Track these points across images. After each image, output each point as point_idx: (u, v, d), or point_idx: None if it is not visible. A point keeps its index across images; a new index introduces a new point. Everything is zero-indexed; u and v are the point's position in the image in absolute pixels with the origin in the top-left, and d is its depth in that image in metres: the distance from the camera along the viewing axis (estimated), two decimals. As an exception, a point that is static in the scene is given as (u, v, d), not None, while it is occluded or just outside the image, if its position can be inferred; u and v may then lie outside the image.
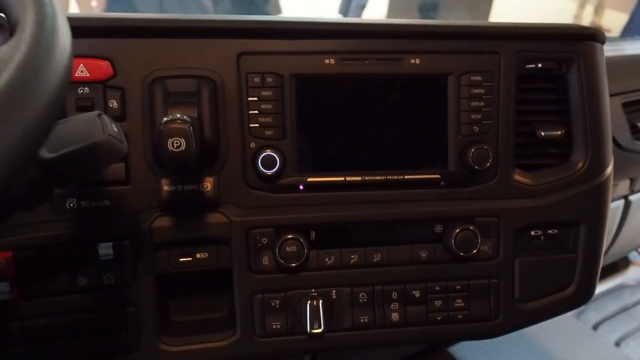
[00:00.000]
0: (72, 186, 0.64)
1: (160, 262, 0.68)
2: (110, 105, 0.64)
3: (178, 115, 0.58)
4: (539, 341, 1.40)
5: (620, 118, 1.07)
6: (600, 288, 1.89)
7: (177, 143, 0.57)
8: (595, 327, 1.71)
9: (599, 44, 0.75)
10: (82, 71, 0.63)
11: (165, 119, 0.58)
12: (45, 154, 0.47)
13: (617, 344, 1.60)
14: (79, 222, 0.65)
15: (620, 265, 2.04)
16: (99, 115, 0.50)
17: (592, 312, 1.80)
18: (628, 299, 1.88)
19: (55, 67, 0.35)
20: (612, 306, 1.81)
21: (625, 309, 1.83)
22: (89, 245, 0.65)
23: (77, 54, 0.63)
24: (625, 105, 1.08)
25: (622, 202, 1.30)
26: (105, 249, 0.64)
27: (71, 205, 0.64)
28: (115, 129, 0.50)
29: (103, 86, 0.64)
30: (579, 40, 0.74)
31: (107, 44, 0.64)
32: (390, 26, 0.70)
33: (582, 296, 0.78)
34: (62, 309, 0.65)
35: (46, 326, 0.64)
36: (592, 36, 0.74)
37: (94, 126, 0.49)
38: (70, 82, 0.62)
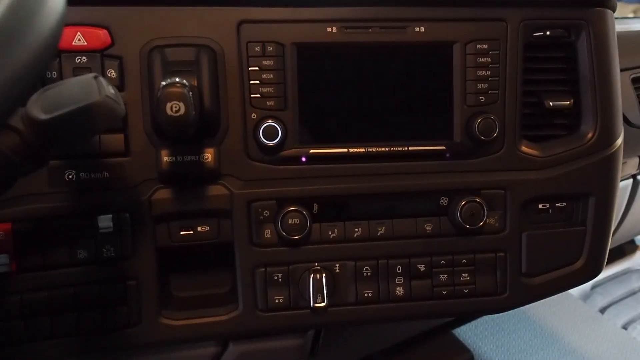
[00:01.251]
0: (70, 154, 0.63)
1: (161, 235, 0.67)
2: (109, 75, 0.63)
3: (177, 79, 0.57)
4: (545, 324, 1.38)
5: (630, 94, 1.05)
6: (607, 272, 1.88)
7: (175, 107, 0.55)
8: (602, 311, 1.70)
9: (609, 11, 0.73)
10: (79, 40, 0.62)
11: (164, 82, 0.56)
12: (41, 115, 0.46)
13: (625, 327, 1.59)
14: (78, 193, 0.64)
15: (627, 249, 2.03)
16: (96, 77, 0.49)
17: (598, 297, 1.79)
18: (635, 283, 1.86)
19: (48, 11, 0.34)
20: (618, 290, 1.80)
21: (632, 293, 1.82)
22: (88, 217, 0.64)
23: (75, 22, 0.62)
24: (634, 80, 1.06)
25: (630, 181, 1.28)
26: (105, 222, 0.64)
27: (70, 176, 0.63)
28: (112, 91, 0.49)
29: (101, 55, 0.63)
30: (588, 7, 0.72)
31: (105, 12, 0.63)
32: None
33: (591, 270, 0.77)
34: (62, 282, 0.64)
35: (46, 299, 0.63)
36: (602, 2, 0.72)
37: (90, 87, 0.47)
38: (66, 49, 0.62)
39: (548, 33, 0.72)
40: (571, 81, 0.74)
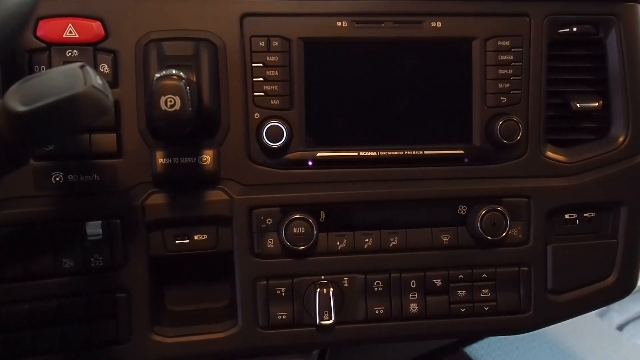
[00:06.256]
0: (58, 155, 0.60)
1: (154, 244, 0.63)
2: (102, 70, 0.61)
3: (173, 71, 0.54)
4: (560, 341, 1.34)
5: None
6: (624, 289, 1.82)
7: (171, 101, 0.52)
8: (620, 328, 1.64)
9: (640, 6, 0.70)
10: (70, 32, 0.60)
11: (158, 75, 0.53)
12: (19, 106, 0.42)
13: (645, 346, 1.53)
14: (65, 198, 0.61)
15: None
16: (82, 67, 0.45)
17: (615, 314, 1.73)
18: (654, 300, 1.80)
19: None
20: (637, 307, 1.74)
21: (651, 311, 1.75)
22: (75, 223, 0.60)
23: (66, 13, 0.60)
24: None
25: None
26: (94, 228, 0.60)
27: (57, 179, 0.60)
28: (100, 82, 0.45)
29: (93, 49, 0.61)
30: (618, 1, 0.69)
31: (99, 3, 0.61)
32: None
33: (624, 287, 0.73)
34: (46, 294, 0.60)
35: (27, 312, 0.60)
36: (633, -4, 0.69)
37: (75, 77, 0.44)
38: (56, 42, 0.58)
39: (575, 29, 0.69)
40: (600, 81, 0.71)
